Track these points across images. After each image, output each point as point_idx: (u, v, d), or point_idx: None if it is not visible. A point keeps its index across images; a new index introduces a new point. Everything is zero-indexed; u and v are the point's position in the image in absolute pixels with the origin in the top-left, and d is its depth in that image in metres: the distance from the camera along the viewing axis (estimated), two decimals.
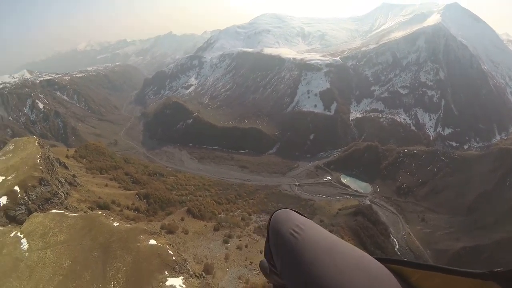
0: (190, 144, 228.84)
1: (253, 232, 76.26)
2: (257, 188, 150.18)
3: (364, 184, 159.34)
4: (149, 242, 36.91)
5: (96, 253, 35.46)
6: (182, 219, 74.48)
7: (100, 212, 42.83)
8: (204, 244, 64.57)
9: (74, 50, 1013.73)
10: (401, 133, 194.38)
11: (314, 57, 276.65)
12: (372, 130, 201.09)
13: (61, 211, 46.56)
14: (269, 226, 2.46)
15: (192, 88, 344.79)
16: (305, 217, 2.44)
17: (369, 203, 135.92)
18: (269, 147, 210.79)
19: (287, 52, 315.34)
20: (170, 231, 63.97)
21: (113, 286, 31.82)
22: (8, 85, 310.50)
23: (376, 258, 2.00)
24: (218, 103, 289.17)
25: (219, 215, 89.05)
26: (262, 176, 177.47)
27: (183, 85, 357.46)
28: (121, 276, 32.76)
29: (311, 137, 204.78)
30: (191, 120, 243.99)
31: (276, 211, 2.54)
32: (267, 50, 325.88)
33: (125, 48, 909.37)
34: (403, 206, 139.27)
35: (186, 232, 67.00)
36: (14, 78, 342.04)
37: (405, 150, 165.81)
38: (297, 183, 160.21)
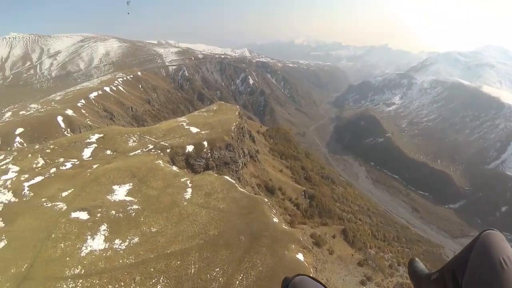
0: (371, 163, 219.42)
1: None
2: (419, 239, 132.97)
3: None
4: (297, 256, 33.38)
5: (243, 238, 34.02)
6: (334, 237, 70.44)
7: (266, 200, 41.53)
8: (341, 273, 59.00)
9: (292, 42, 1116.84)
10: None
11: None
12: None
13: (232, 181, 47.45)
14: (477, 240, 2.35)
15: (393, 107, 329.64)
16: None
17: None
18: (452, 199, 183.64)
19: (509, 96, 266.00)
20: (318, 244, 60.83)
21: (241, 278, 29.61)
22: (228, 57, 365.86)
23: None
24: (416, 131, 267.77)
25: (369, 250, 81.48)
26: (430, 228, 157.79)
27: (386, 101, 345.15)
28: (253, 274, 30.27)
29: (503, 209, 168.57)
30: (382, 139, 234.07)
31: (488, 229, 2.42)
32: (486, 89, 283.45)
33: (338, 51, 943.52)
34: None
35: (331, 252, 62.51)
36: (235, 53, 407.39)
37: None
38: None
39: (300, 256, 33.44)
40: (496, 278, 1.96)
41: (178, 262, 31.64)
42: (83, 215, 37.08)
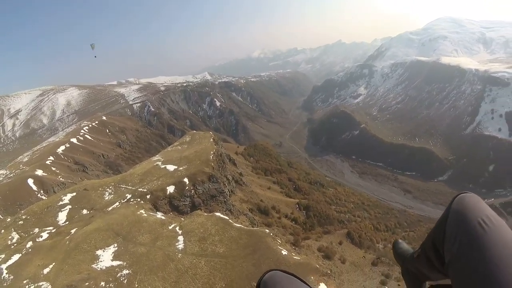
0: (353, 157, 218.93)
1: None
2: (419, 219, 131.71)
3: None
4: (319, 287, 29.37)
5: (255, 283, 29.93)
6: (340, 243, 67.25)
7: (267, 231, 37.67)
8: (360, 280, 55.61)
9: (249, 57, 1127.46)
10: None
11: (499, 68, 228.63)
12: None
13: (225, 217, 43.64)
14: (450, 206, 2.26)
15: (360, 98, 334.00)
16: None
17: None
18: (439, 172, 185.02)
19: (467, 62, 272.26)
20: (327, 256, 57.23)
21: None
22: (191, 83, 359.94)
23: None
24: (388, 116, 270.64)
25: (378, 245, 79.29)
26: (426, 205, 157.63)
27: (352, 94, 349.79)
28: None
29: (490, 168, 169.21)
30: (357, 131, 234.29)
31: (462, 193, 2.33)
32: (445, 59, 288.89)
33: (295, 56, 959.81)
34: None
35: (343, 261, 58.95)
36: (197, 79, 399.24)
37: None
38: None
39: (323, 287, 29.67)
40: (477, 239, 1.89)
41: None
42: None
